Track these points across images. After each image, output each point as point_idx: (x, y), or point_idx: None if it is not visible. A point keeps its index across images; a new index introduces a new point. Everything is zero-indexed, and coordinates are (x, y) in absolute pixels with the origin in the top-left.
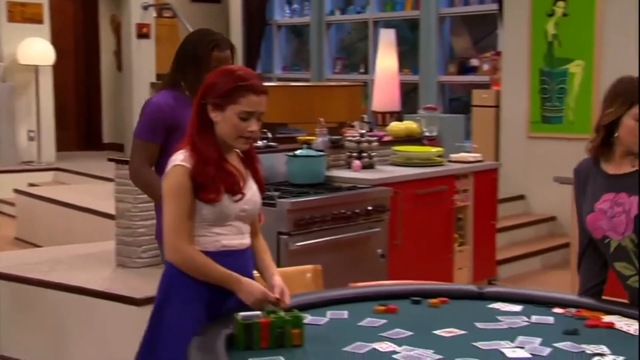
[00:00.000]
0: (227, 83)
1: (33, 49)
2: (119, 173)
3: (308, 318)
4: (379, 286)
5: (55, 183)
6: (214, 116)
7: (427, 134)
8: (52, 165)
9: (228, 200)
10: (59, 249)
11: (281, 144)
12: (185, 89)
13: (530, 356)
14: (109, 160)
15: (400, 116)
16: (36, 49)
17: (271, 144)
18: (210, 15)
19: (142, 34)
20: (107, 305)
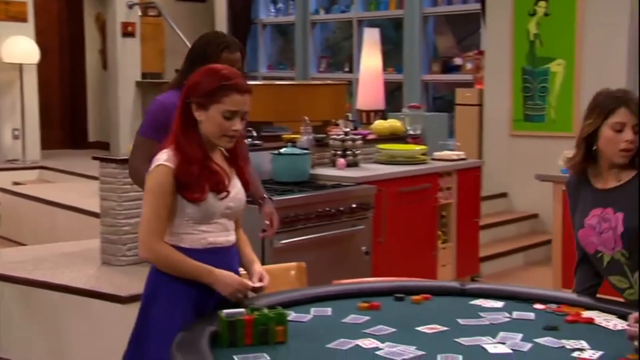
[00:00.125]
0: (211, 82)
1: (17, 47)
2: (104, 171)
3: (292, 315)
4: (362, 283)
5: (40, 181)
6: (198, 115)
7: (411, 132)
8: (37, 164)
9: (213, 198)
10: (44, 247)
11: (266, 142)
12: None
13: (511, 351)
14: (94, 158)
15: (384, 115)
16: (21, 47)
17: (256, 142)
18: (195, 14)
19: (127, 32)
20: (92, 303)
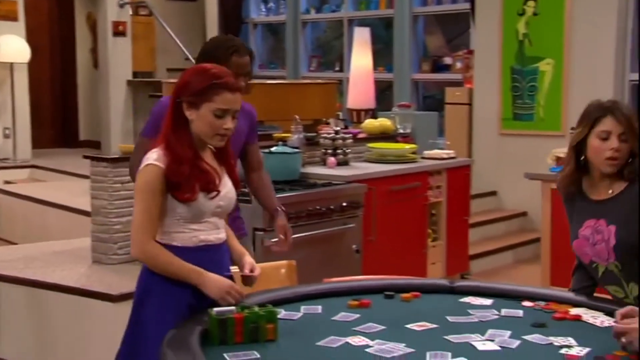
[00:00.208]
0: (202, 81)
1: (8, 46)
2: (95, 170)
3: (282, 313)
4: (352, 281)
5: (31, 180)
6: (189, 114)
7: (401, 131)
8: (27, 163)
9: (204, 198)
10: (34, 246)
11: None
12: None
13: (499, 349)
14: (85, 157)
15: (374, 113)
16: (11, 46)
17: None
18: (186, 13)
19: (118, 31)
20: (83, 302)
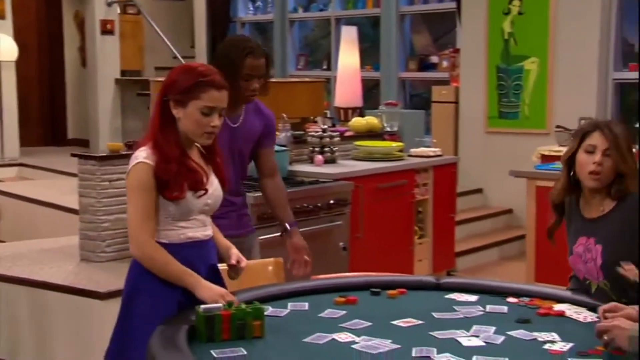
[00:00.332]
0: (189, 79)
1: None
2: (83, 168)
3: (269, 310)
4: (339, 278)
5: (19, 179)
6: (176, 112)
7: (387, 129)
8: (15, 161)
9: (192, 196)
10: (22, 243)
11: None
12: None
13: (484, 344)
14: (72, 155)
15: (362, 112)
16: None
17: None
18: (174, 12)
19: (106, 30)
20: (71, 300)
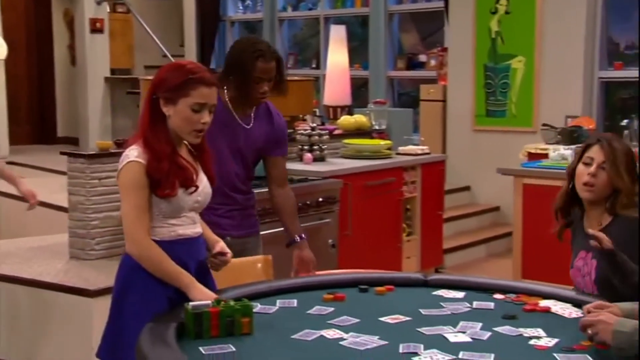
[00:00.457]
0: (178, 77)
1: None
2: (72, 166)
3: (258, 307)
4: (327, 275)
5: None
6: (166, 110)
7: (376, 127)
8: (5, 159)
9: (183, 194)
10: (11, 241)
11: None
12: (226, 95)
13: (471, 340)
14: (62, 153)
15: (350, 110)
16: None
17: None
18: (164, 10)
19: (95, 28)
20: (60, 297)
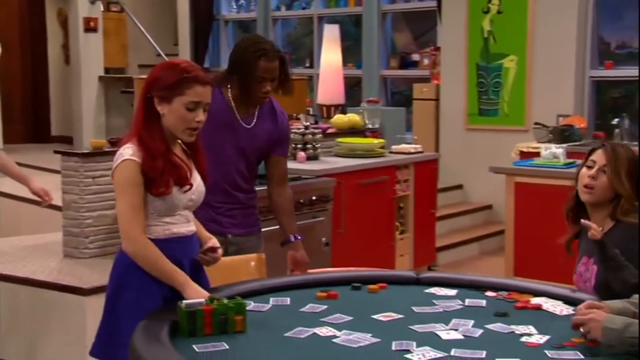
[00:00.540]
0: (173, 76)
1: None
2: (66, 165)
3: (251, 305)
4: (321, 273)
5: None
6: (161, 109)
7: (369, 126)
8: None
9: (177, 192)
10: (5, 240)
11: None
12: (229, 93)
13: (462, 337)
14: (55, 152)
15: (344, 109)
16: None
17: None
18: (158, 10)
19: (89, 27)
20: (54, 296)
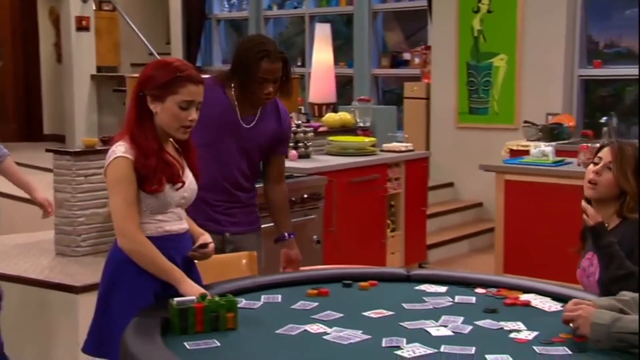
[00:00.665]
0: (166, 75)
1: None
2: (58, 163)
3: (242, 302)
4: (312, 271)
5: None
6: (153, 107)
7: (360, 124)
8: None
9: (170, 189)
10: None
11: None
12: (232, 92)
13: (452, 334)
14: (47, 150)
15: (335, 108)
16: None
17: None
18: (150, 8)
19: (81, 26)
20: (46, 294)
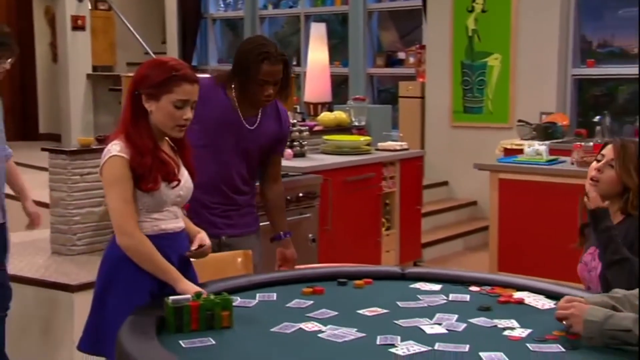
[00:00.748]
0: (161, 74)
1: None
2: (53, 162)
3: (238, 300)
4: (307, 269)
5: None
6: (149, 106)
7: (356, 123)
8: None
9: (165, 188)
10: None
11: None
12: (233, 93)
13: (446, 332)
14: (43, 149)
15: (330, 107)
16: None
17: None
18: (145, 8)
19: (77, 26)
20: (42, 293)
